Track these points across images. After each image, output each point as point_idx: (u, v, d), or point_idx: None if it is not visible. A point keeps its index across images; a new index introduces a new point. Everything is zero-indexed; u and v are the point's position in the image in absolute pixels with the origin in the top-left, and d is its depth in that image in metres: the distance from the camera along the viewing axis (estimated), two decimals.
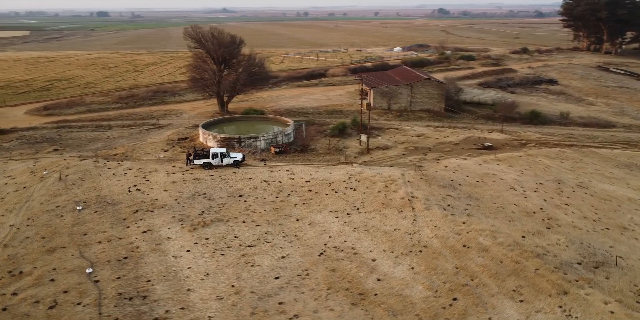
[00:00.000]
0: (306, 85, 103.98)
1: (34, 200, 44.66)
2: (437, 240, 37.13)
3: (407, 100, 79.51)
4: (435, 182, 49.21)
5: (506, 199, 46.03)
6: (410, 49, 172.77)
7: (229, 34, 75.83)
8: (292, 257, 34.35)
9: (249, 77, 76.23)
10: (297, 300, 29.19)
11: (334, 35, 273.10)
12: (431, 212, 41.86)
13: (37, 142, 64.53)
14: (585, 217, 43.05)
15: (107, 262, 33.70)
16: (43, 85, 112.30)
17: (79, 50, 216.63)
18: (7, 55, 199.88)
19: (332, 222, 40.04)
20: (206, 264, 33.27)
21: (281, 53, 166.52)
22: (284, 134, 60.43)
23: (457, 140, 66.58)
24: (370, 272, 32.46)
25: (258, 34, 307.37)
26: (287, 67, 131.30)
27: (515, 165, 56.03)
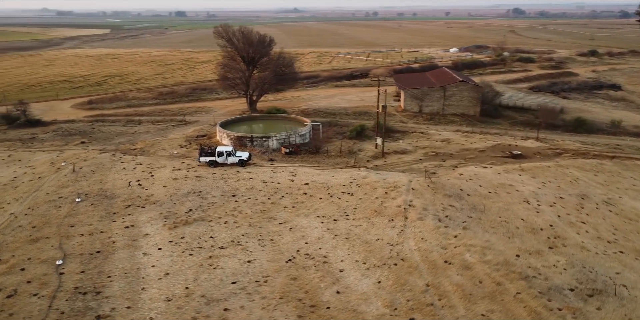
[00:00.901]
0: (344, 85, 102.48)
1: (42, 191, 46.64)
2: (418, 253, 34.79)
3: (439, 104, 76.06)
4: (441, 190, 46.41)
5: (515, 212, 42.52)
6: (466, 50, 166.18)
7: (258, 33, 75.94)
8: (259, 262, 33.39)
9: (278, 77, 75.88)
10: (244, 308, 28.22)
11: (394, 36, 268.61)
12: (423, 222, 39.40)
13: (70, 135, 67.72)
14: (599, 238, 38.82)
15: (80, 255, 34.35)
16: (98, 80, 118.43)
17: (147, 48, 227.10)
18: (80, 51, 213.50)
19: (315, 227, 38.66)
20: (170, 264, 33.06)
21: (333, 53, 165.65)
22: (298, 135, 59.52)
23: (484, 147, 62.71)
24: (332, 284, 30.86)
25: (320, 33, 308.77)
26: (332, 67, 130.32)
27: (538, 176, 51.80)
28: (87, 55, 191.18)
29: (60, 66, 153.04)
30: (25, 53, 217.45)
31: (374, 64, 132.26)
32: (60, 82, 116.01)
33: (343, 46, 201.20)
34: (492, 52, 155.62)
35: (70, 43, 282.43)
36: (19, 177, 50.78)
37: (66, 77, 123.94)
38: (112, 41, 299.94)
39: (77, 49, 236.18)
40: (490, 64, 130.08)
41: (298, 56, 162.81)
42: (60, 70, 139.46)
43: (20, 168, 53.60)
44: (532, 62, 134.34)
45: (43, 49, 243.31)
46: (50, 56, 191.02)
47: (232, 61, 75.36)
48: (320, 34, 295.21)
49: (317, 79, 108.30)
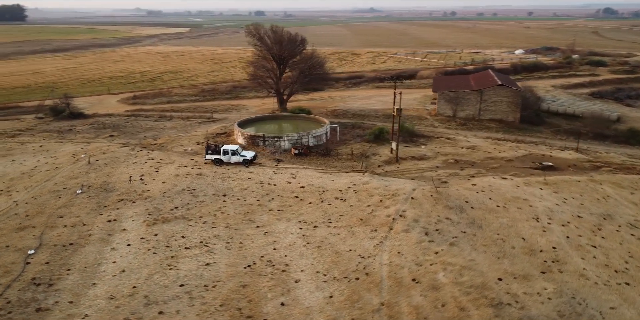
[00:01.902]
0: (386, 86, 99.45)
1: (52, 181, 48.75)
2: (387, 268, 32.43)
3: (475, 108, 71.58)
4: (444, 201, 43.31)
5: (517, 230, 38.72)
6: (533, 52, 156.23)
7: (289, 33, 75.27)
8: (217, 265, 32.58)
9: (308, 77, 74.90)
10: (179, 313, 27.49)
11: (463, 36, 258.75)
12: (407, 235, 36.81)
13: (103, 128, 70.70)
14: (607, 265, 34.32)
15: (54, 246, 35.27)
16: (153, 76, 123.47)
17: (215, 46, 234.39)
18: (153, 49, 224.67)
19: (291, 233, 37.27)
20: (131, 261, 33.06)
21: (390, 53, 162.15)
22: (312, 136, 58.15)
23: (512, 156, 58.08)
24: (281, 294, 29.38)
25: (387, 33, 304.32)
26: (382, 67, 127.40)
27: (562, 192, 47.02)
28: (157, 52, 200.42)
29: (127, 62, 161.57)
30: (104, 50, 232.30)
31: (427, 65, 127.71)
32: (119, 78, 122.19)
33: (405, 46, 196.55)
34: (561, 54, 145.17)
35: (149, 41, 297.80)
36: (39, 166, 53.46)
37: (126, 73, 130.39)
38: (187, 39, 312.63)
39: (151, 46, 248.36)
40: (553, 67, 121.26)
41: (353, 56, 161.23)
42: (125, 67, 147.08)
43: (44, 158, 56.46)
44: (604, 65, 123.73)
45: (122, 46, 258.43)
46: (124, 53, 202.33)
47: (263, 60, 75.24)
48: (386, 34, 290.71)
49: (360, 79, 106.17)
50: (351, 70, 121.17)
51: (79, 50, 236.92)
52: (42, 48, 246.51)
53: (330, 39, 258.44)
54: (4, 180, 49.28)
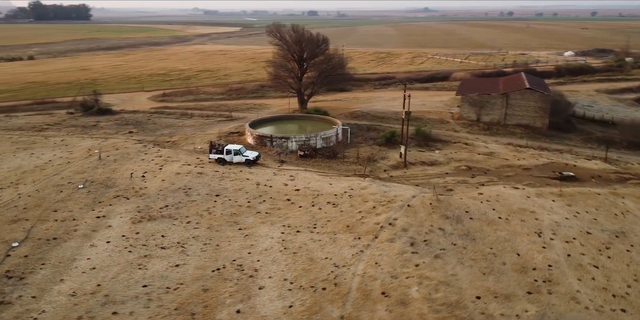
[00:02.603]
0: (416, 88, 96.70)
1: (60, 175, 50.16)
2: (358, 279, 30.96)
3: (500, 112, 68.08)
4: (442, 210, 41.20)
5: (514, 245, 36.17)
6: (584, 54, 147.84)
7: (310, 33, 74.36)
8: (186, 267, 32.17)
9: (329, 78, 73.80)
10: (132, 315, 27.20)
11: (513, 37, 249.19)
12: (391, 245, 35.13)
13: (125, 124, 72.42)
14: (605, 289, 31.33)
15: (38, 239, 36.02)
16: (190, 75, 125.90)
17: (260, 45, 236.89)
18: (199, 48, 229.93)
19: (271, 237, 36.40)
20: (104, 259, 33.21)
21: (431, 53, 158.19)
22: (321, 137, 57.03)
23: (531, 164, 54.69)
24: (240, 301, 28.56)
25: (435, 33, 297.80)
26: (418, 68, 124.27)
27: (576, 205, 43.68)
28: (202, 51, 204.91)
29: (171, 61, 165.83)
30: (155, 48, 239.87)
31: (465, 67, 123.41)
32: (158, 75, 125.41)
33: (450, 47, 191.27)
34: (614, 57, 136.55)
35: (199, 40, 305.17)
36: (53, 160, 55.22)
37: (166, 71, 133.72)
38: (235, 38, 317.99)
39: (199, 45, 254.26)
40: (602, 70, 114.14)
41: (392, 56, 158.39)
42: (167, 65, 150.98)
43: (61, 152, 58.30)
44: None
45: (172, 44, 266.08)
46: (171, 51, 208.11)
47: (284, 60, 74.74)
48: (434, 34, 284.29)
49: (391, 80, 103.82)
50: (384, 71, 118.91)
51: (131, 48, 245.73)
52: (98, 46, 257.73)
53: (376, 38, 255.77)
54: (17, 172, 51.15)
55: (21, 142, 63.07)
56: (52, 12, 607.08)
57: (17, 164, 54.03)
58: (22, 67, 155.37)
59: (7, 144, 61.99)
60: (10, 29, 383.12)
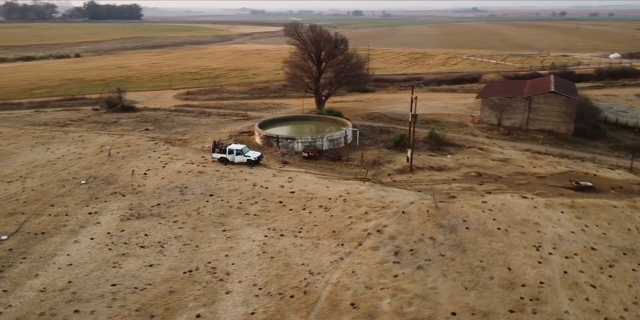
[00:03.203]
0: (441, 90, 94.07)
1: (68, 170, 51.33)
2: (330, 288, 29.84)
3: (522, 117, 64.89)
4: (438, 218, 39.45)
5: (507, 258, 34.08)
6: (631, 56, 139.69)
7: (328, 33, 73.26)
8: (159, 268, 31.94)
9: (346, 78, 72.63)
10: (93, 314, 27.14)
11: (559, 38, 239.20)
12: (373, 253, 33.80)
13: (144, 122, 73.64)
14: (598, 311, 28.91)
15: (27, 233, 36.77)
16: (220, 73, 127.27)
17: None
18: (238, 47, 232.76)
19: (253, 240, 35.75)
20: (83, 255, 33.45)
21: (465, 54, 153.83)
22: (328, 139, 55.95)
23: (547, 172, 51.73)
24: (203, 305, 28.01)
25: (477, 34, 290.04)
26: (450, 70, 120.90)
27: (587, 217, 40.85)
28: (239, 50, 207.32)
29: (207, 59, 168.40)
30: (196, 47, 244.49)
31: (500, 68, 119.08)
32: (189, 74, 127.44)
33: (490, 48, 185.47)
34: None
35: (240, 39, 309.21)
36: (66, 155, 56.64)
37: (198, 70, 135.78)
38: (277, 38, 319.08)
39: (239, 44, 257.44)
40: None
41: (426, 57, 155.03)
42: (201, 63, 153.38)
43: (76, 148, 59.76)
44: None
45: (214, 43, 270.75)
46: (210, 50, 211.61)
47: (301, 60, 74.05)
48: (476, 35, 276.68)
49: (418, 81, 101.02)
50: (414, 72, 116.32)
51: (174, 47, 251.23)
52: (143, 44, 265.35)
53: (416, 39, 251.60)
54: (29, 166, 52.70)
55: (42, 136, 65.12)
56: (105, 11, 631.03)
57: (31, 158, 55.71)
58: (65, 64, 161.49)
59: (28, 139, 64.13)
60: (66, 28, 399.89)
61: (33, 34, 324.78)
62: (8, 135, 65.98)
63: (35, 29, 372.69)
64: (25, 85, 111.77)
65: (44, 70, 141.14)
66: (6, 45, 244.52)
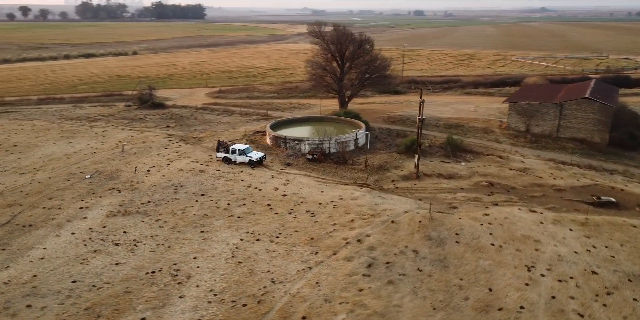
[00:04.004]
0: (477, 93, 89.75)
1: (79, 164, 52.81)
2: (287, 299, 28.53)
3: (553, 124, 60.44)
4: (428, 230, 37.20)
5: (491, 278, 31.43)
6: None
7: (351, 33, 71.45)
8: (124, 267, 31.80)
9: (370, 79, 70.71)
10: (43, 310, 27.25)
11: (626, 39, 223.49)
12: (345, 264, 32.17)
13: (169, 119, 74.95)
14: None
15: (16, 225, 37.85)
16: (260, 72, 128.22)
17: None
18: (288, 46, 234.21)
19: (227, 243, 35.00)
20: (58, 250, 33.90)
21: (516, 56, 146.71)
22: (336, 141, 54.39)
23: (567, 185, 47.74)
24: (151, 308, 27.50)
25: (538, 34, 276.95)
26: (495, 72, 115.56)
27: (599, 237, 37.15)
28: (288, 49, 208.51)
29: (253, 58, 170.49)
30: (248, 46, 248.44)
31: (550, 71, 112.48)
32: (229, 72, 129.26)
33: (547, 49, 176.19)
34: None
35: (294, 38, 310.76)
36: (83, 149, 58.40)
37: (239, 68, 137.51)
38: None
39: (291, 44, 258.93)
40: None
41: (475, 58, 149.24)
42: (245, 62, 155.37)
43: (95, 142, 61.56)
44: None
45: (267, 43, 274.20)
46: (259, 49, 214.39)
47: (325, 60, 72.77)
48: (537, 36, 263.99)
49: (455, 83, 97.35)
50: (454, 74, 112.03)
51: (228, 45, 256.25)
52: (199, 43, 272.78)
53: (471, 39, 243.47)
54: (45, 159, 54.69)
55: (69, 131, 67.64)
56: (171, 11, 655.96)
57: (50, 151, 57.82)
58: (120, 61, 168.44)
59: (55, 132, 66.79)
60: (132, 27, 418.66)
61: (101, 32, 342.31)
62: (40, 129, 69.00)
63: (103, 28, 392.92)
64: (74, 80, 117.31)
65: (97, 67, 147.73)
66: (74, 42, 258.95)
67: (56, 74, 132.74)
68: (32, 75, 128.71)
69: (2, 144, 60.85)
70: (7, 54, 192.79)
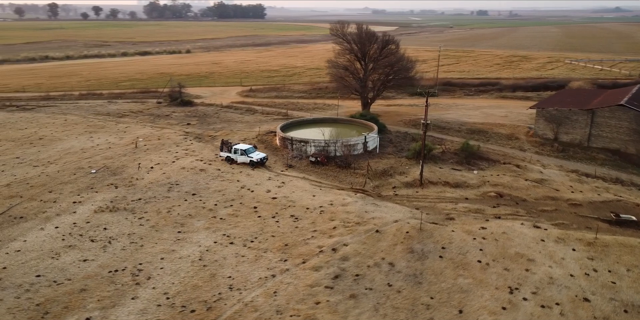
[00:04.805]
0: (514, 97, 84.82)
1: (90, 159, 54.20)
2: (238, 307, 27.51)
3: (583, 132, 55.84)
4: (413, 242, 35.10)
5: (466, 299, 29.03)
6: None
7: (374, 33, 69.24)
8: (90, 264, 31.86)
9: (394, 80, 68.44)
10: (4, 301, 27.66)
11: None
12: (311, 274, 30.76)
13: (192, 116, 75.90)
14: None
15: (8, 216, 39.02)
16: (298, 72, 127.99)
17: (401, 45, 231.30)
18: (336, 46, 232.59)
19: (200, 246, 34.42)
20: (37, 243, 34.52)
21: (569, 58, 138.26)
22: (343, 144, 52.74)
23: (585, 199, 43.79)
24: (100, 308, 27.24)
25: (606, 36, 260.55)
26: (543, 75, 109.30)
27: (604, 259, 33.63)
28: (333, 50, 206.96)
29: (297, 58, 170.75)
30: (298, 45, 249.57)
31: (603, 75, 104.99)
32: (268, 71, 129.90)
33: (609, 52, 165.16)
34: None
35: None
36: (100, 144, 59.99)
37: (279, 68, 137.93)
38: None
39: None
40: None
41: (524, 60, 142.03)
42: (288, 61, 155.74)
43: (114, 138, 63.13)
44: None
45: (317, 42, 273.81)
46: (306, 49, 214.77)
47: (347, 61, 71.10)
48: (603, 37, 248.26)
49: (493, 86, 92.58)
50: (496, 76, 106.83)
51: (279, 45, 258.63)
52: (253, 42, 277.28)
53: (529, 40, 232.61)
54: (62, 153, 56.55)
55: (94, 126, 69.85)
56: (232, 11, 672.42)
57: (70, 145, 59.78)
58: (170, 59, 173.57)
59: (82, 127, 69.15)
60: (192, 26, 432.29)
61: (162, 31, 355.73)
62: (69, 123, 71.71)
63: (166, 27, 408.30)
64: (120, 77, 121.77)
65: (147, 65, 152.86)
66: (135, 41, 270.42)
67: (106, 70, 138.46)
68: (85, 72, 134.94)
69: (29, 137, 63.57)
70: (70, 51, 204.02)
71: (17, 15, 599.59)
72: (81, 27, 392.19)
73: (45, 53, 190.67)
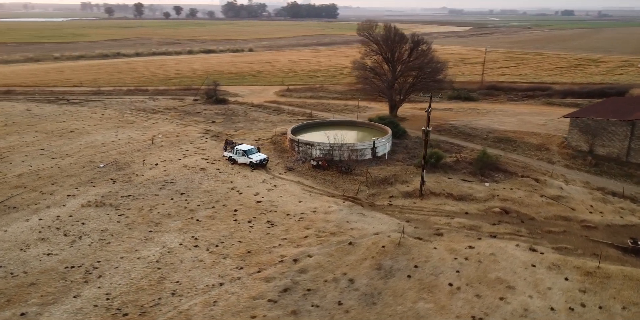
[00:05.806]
0: (560, 104, 78.03)
1: (107, 153, 55.81)
2: (171, 314, 26.67)
3: (622, 145, 49.98)
4: (384, 258, 32.80)
5: None
6: None
7: (403, 34, 66.06)
8: (52, 258, 32.24)
9: (422, 84, 65.26)
10: None
11: None
12: (260, 285, 29.39)
13: (221, 115, 76.52)
14: None
15: (4, 206, 40.69)
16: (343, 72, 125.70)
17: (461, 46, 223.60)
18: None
19: (163, 247, 33.98)
20: (14, 234, 35.56)
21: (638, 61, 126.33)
22: (349, 149, 50.62)
23: (603, 222, 39.01)
24: (40, 304, 27.32)
25: None
26: (607, 80, 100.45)
27: (598, 294, 29.56)
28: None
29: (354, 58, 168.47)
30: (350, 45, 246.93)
31: None
32: (315, 71, 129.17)
33: None
34: None
35: None
36: (122, 139, 61.73)
37: (327, 68, 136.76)
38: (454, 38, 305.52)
39: None
40: None
41: (592, 64, 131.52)
42: (339, 61, 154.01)
43: (137, 133, 64.80)
44: None
45: None
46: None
47: (374, 62, 68.56)
48: None
49: (543, 91, 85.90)
50: (552, 81, 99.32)
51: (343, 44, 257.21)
52: (317, 42, 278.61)
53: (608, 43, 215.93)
54: (83, 146, 58.71)
55: (125, 121, 72.17)
56: (305, 10, 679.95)
57: (94, 139, 61.99)
58: (229, 58, 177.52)
59: (113, 122, 71.66)
60: (263, 26, 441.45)
61: (233, 30, 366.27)
62: (105, 117, 74.61)
63: (238, 26, 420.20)
64: (172, 74, 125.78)
65: (204, 62, 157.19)
66: (205, 39, 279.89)
67: (164, 67, 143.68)
68: (144, 68, 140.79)
69: (62, 130, 66.68)
70: (141, 48, 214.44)
71: (107, 14, 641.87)
72: (159, 26, 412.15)
73: (118, 50, 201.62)
